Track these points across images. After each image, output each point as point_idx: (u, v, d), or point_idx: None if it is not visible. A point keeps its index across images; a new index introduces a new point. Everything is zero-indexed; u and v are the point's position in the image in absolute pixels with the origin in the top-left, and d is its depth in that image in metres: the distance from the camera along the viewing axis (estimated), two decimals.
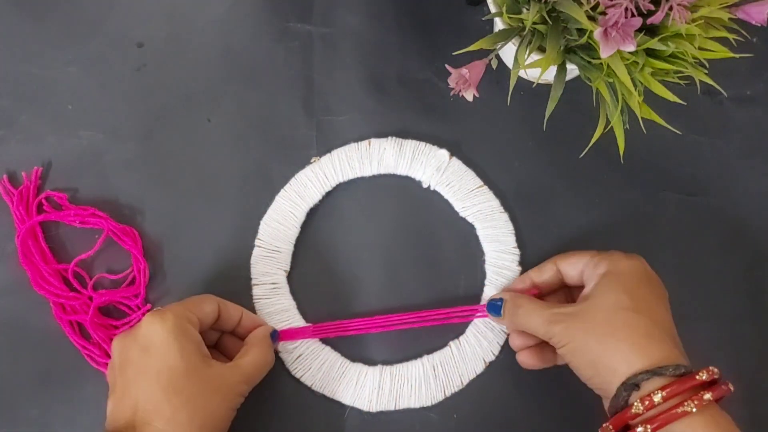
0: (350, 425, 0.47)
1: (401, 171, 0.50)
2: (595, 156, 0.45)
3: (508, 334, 0.47)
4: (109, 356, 0.47)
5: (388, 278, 0.49)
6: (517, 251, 0.49)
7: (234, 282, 0.49)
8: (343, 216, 0.50)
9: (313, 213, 0.50)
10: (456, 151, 0.51)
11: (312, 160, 0.51)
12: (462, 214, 0.50)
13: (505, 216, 0.50)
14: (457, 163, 0.50)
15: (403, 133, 0.51)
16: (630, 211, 0.50)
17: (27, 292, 0.48)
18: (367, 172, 0.50)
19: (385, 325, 0.48)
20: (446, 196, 0.50)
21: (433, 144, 0.51)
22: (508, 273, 0.49)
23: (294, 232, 0.49)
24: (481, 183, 0.50)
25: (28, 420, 0.48)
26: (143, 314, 0.48)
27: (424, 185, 0.51)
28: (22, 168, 0.51)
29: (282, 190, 0.50)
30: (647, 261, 0.44)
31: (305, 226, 0.50)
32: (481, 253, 0.50)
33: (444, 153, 0.50)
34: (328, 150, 0.51)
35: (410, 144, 0.50)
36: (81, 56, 0.53)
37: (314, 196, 0.50)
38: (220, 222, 0.50)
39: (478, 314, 0.48)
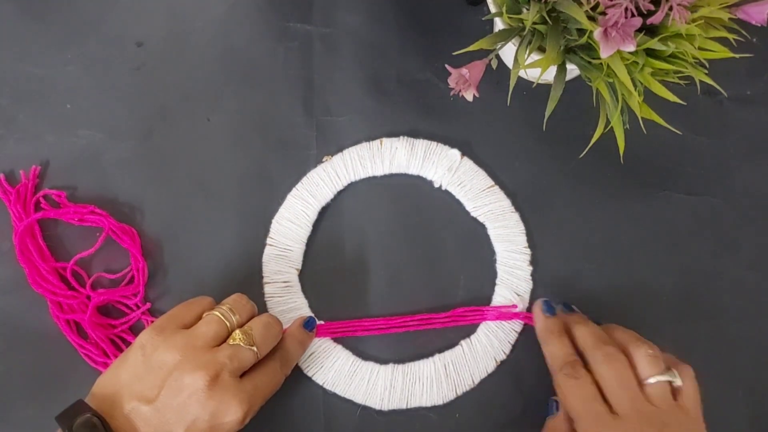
0: (362, 424, 0.47)
1: (413, 170, 0.50)
2: (595, 156, 0.45)
3: (519, 334, 0.48)
4: (107, 356, 0.47)
5: (398, 277, 0.49)
6: (528, 251, 0.49)
7: (233, 281, 0.49)
8: (355, 215, 0.50)
9: (325, 212, 0.50)
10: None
11: (324, 159, 0.51)
12: (473, 213, 0.50)
13: (516, 216, 0.50)
14: (468, 162, 0.50)
15: (404, 134, 0.51)
16: (630, 211, 0.50)
17: (24, 291, 0.48)
18: (379, 171, 0.50)
19: (399, 326, 0.48)
20: (458, 196, 0.50)
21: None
22: (520, 273, 0.49)
23: (306, 231, 0.49)
24: (492, 183, 0.50)
25: (24, 420, 0.47)
26: (142, 314, 0.48)
27: (436, 185, 0.50)
28: (20, 167, 0.51)
29: (294, 189, 0.50)
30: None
31: (317, 225, 0.50)
32: (492, 252, 0.50)
33: (455, 153, 0.50)
34: (328, 150, 0.51)
35: (422, 143, 0.50)
36: (80, 55, 0.53)
37: (326, 195, 0.50)
38: (219, 221, 0.50)
39: (490, 315, 0.48)
